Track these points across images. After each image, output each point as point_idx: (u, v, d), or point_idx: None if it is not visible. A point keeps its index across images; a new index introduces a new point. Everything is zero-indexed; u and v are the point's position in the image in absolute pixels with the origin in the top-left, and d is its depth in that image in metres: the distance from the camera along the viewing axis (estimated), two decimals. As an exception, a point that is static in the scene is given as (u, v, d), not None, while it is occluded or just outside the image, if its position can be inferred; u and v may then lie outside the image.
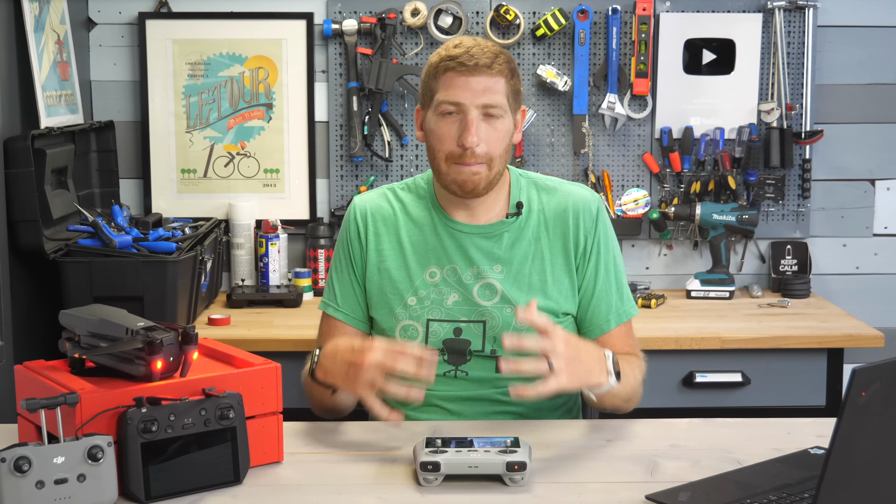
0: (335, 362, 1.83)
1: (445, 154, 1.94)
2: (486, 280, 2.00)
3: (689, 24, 3.29)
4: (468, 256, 2.01)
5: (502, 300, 1.99)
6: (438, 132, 1.94)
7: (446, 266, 2.01)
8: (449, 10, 3.26)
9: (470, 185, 1.94)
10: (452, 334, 2.00)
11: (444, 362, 2.00)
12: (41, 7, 2.84)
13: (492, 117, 1.92)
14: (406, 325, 2.01)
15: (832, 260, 3.42)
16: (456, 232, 2.02)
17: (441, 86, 1.93)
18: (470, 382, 2.00)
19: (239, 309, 3.11)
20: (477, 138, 1.90)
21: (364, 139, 3.29)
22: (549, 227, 2.03)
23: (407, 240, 2.03)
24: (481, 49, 1.92)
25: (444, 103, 1.92)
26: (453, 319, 2.00)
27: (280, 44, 3.32)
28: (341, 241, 2.10)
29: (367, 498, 1.56)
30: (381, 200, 2.08)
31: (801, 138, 3.30)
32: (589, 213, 2.03)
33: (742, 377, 2.87)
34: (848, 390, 1.24)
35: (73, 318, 1.67)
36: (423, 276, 2.01)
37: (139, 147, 3.35)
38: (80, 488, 1.44)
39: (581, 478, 1.64)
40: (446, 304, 2.00)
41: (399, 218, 2.05)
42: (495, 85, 1.91)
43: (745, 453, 1.72)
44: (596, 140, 3.34)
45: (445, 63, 1.92)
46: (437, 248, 2.02)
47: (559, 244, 2.02)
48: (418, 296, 2.01)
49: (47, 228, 2.70)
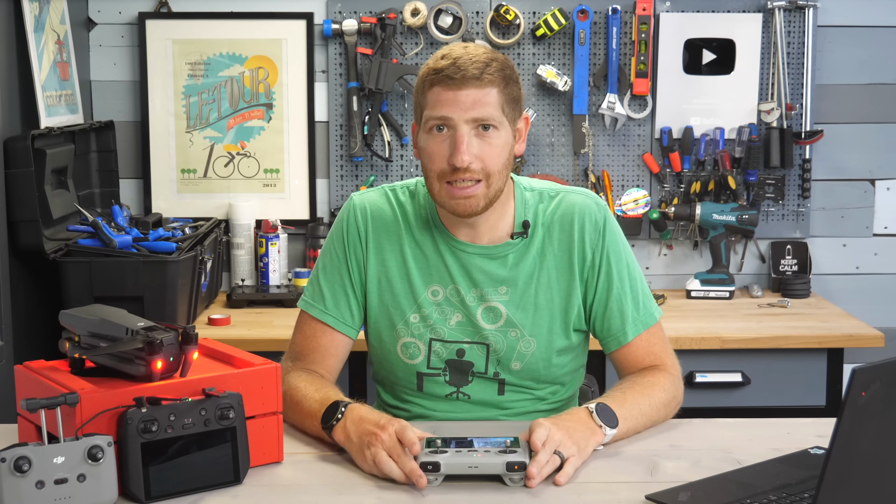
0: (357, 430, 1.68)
1: (437, 173, 1.82)
2: (489, 303, 1.91)
3: (689, 24, 3.29)
4: (471, 278, 1.91)
5: (507, 324, 1.91)
6: (429, 150, 1.83)
7: (449, 286, 1.92)
8: (449, 10, 3.26)
9: (464, 209, 1.83)
10: (455, 355, 1.92)
11: (446, 383, 1.94)
12: (41, 7, 2.84)
13: (485, 131, 1.81)
14: (407, 342, 1.93)
15: (832, 260, 3.42)
16: (459, 252, 1.92)
17: (428, 102, 1.82)
18: (472, 405, 1.95)
19: (239, 309, 3.11)
20: (469, 156, 1.78)
21: (364, 139, 3.29)
22: (555, 241, 1.92)
23: (409, 252, 1.93)
24: (470, 59, 1.79)
25: (432, 119, 1.81)
26: (456, 340, 1.92)
27: (280, 44, 3.32)
28: (335, 239, 1.97)
29: (367, 498, 1.56)
30: (382, 202, 1.96)
31: (801, 138, 3.30)
32: (594, 225, 1.92)
33: (742, 377, 2.87)
34: (848, 390, 1.23)
35: (73, 318, 1.66)
36: (426, 293, 1.92)
37: (139, 147, 3.35)
38: (80, 488, 1.44)
39: (581, 478, 1.64)
40: (449, 325, 1.92)
41: (401, 226, 1.94)
42: (486, 97, 1.79)
43: (745, 453, 1.72)
44: (596, 140, 3.34)
45: (431, 77, 1.81)
46: (439, 267, 1.92)
47: (565, 258, 1.92)
48: (421, 313, 1.92)
49: (47, 228, 2.70)
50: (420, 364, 1.93)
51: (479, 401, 1.95)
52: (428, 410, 1.96)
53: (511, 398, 1.95)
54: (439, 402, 1.95)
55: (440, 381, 1.94)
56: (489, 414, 1.95)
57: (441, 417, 1.95)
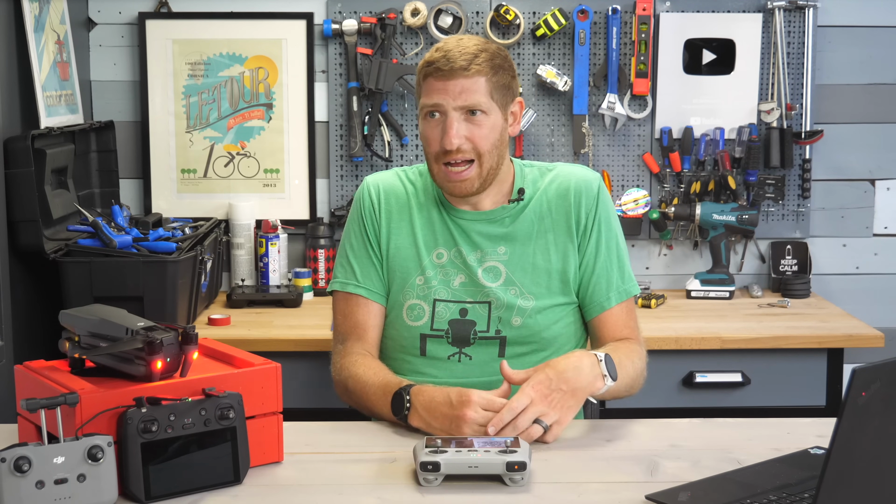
0: (434, 416, 1.79)
1: (433, 155, 2.01)
2: (490, 263, 2.06)
3: (689, 24, 3.29)
4: (472, 241, 2.07)
5: (506, 282, 2.05)
6: (425, 134, 2.02)
7: (452, 248, 2.07)
8: (449, 10, 3.26)
9: (459, 190, 2.02)
10: (458, 315, 2.05)
11: (449, 345, 2.05)
12: (41, 7, 2.84)
13: (473, 115, 1.98)
14: (413, 303, 2.06)
15: (832, 260, 3.42)
16: (460, 220, 2.08)
17: (423, 91, 2.01)
18: (472, 367, 2.04)
19: (239, 309, 3.11)
20: (458, 139, 1.96)
21: (364, 139, 3.29)
22: (552, 207, 2.08)
23: (418, 222, 2.09)
24: (460, 51, 1.97)
25: (426, 107, 2.00)
26: (459, 300, 2.05)
27: (280, 44, 3.32)
28: (355, 219, 2.13)
29: (367, 498, 1.56)
30: (393, 179, 2.15)
31: (801, 138, 3.30)
32: (590, 192, 2.08)
33: (742, 377, 2.87)
34: (848, 390, 1.23)
35: (73, 318, 1.67)
36: (431, 256, 2.07)
37: (139, 147, 3.35)
38: (80, 488, 1.44)
39: (581, 478, 1.64)
40: (453, 285, 2.06)
41: (411, 200, 2.11)
42: (473, 85, 1.96)
43: (745, 453, 1.72)
44: (596, 140, 3.34)
45: (425, 69, 2.00)
46: (444, 232, 2.08)
47: (562, 222, 2.07)
48: (426, 276, 2.06)
49: (47, 228, 2.70)
50: (424, 325, 2.05)
51: (480, 361, 2.04)
52: (429, 377, 2.03)
53: (511, 362, 1.98)
54: (441, 363, 2.05)
55: (443, 342, 2.05)
56: (489, 377, 2.01)
57: (442, 382, 1.98)
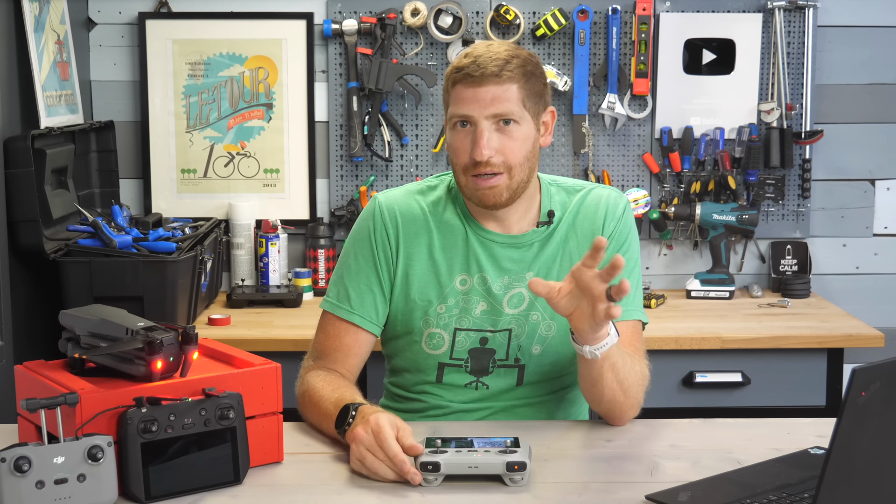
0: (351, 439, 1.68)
1: (462, 167, 1.90)
2: (516, 290, 1.97)
3: (689, 24, 3.29)
4: (500, 266, 1.97)
5: (529, 307, 1.97)
6: (454, 145, 1.91)
7: (476, 275, 1.97)
8: (449, 10, 3.26)
9: (489, 199, 1.90)
10: (479, 343, 1.97)
11: (467, 373, 1.98)
12: (41, 7, 2.84)
13: (506, 125, 1.88)
14: (432, 332, 1.97)
15: (832, 260, 3.42)
16: (488, 241, 1.98)
17: (452, 99, 1.90)
18: (489, 395, 1.99)
19: (239, 309, 3.11)
20: (489, 150, 1.86)
21: (364, 139, 3.29)
22: (578, 228, 2.00)
23: (438, 245, 1.98)
24: (490, 57, 1.86)
25: (455, 116, 1.89)
26: (480, 329, 1.97)
27: (280, 44, 3.32)
28: (361, 240, 2.00)
29: (367, 498, 1.56)
30: (409, 200, 2.01)
31: (801, 138, 3.30)
32: (616, 210, 2.00)
33: (742, 377, 2.87)
34: (848, 390, 1.23)
35: (73, 318, 1.67)
36: (454, 283, 1.97)
37: (139, 147, 3.35)
38: (80, 488, 1.44)
39: (581, 478, 1.64)
40: (474, 314, 1.97)
41: (430, 221, 1.99)
42: (505, 93, 1.86)
43: (745, 453, 1.72)
44: (596, 140, 3.34)
45: (454, 76, 1.89)
46: (468, 256, 1.97)
47: (587, 243, 1.98)
48: (447, 304, 1.97)
49: (47, 228, 2.70)
50: (443, 355, 1.98)
51: (498, 390, 1.98)
52: (444, 401, 1.99)
53: (528, 391, 1.97)
54: (457, 391, 1.98)
55: (461, 371, 1.98)
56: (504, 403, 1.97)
57: (457, 408, 1.98)
